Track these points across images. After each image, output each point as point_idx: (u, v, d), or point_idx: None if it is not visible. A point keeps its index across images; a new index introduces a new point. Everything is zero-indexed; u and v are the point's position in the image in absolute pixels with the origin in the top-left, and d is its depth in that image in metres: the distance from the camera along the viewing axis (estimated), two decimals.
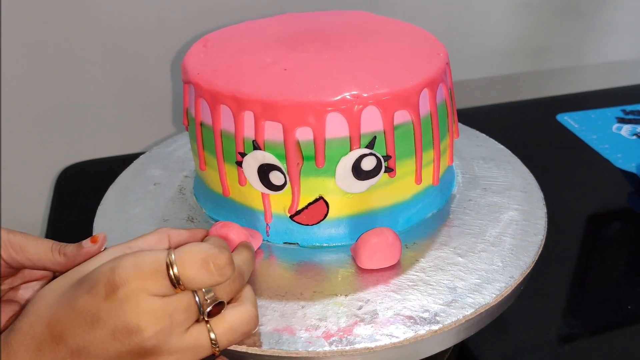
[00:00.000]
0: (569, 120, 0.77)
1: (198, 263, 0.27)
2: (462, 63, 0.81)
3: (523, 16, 0.82)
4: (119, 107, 0.70)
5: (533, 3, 0.81)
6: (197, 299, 0.28)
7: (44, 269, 0.38)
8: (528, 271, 0.37)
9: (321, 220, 0.38)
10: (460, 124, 0.53)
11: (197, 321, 0.29)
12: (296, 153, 0.36)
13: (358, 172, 0.36)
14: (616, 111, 0.79)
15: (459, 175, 0.46)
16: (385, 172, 0.37)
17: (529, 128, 0.76)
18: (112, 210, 0.43)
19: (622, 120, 0.77)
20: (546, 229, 0.40)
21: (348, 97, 0.35)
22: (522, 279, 0.36)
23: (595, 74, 0.92)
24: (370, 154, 0.36)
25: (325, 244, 0.39)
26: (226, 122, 0.37)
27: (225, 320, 0.29)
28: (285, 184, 0.37)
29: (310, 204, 0.37)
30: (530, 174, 0.46)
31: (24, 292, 0.39)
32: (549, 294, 0.50)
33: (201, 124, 0.39)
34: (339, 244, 0.39)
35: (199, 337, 0.28)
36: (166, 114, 0.73)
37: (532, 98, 0.85)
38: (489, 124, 0.73)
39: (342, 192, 0.37)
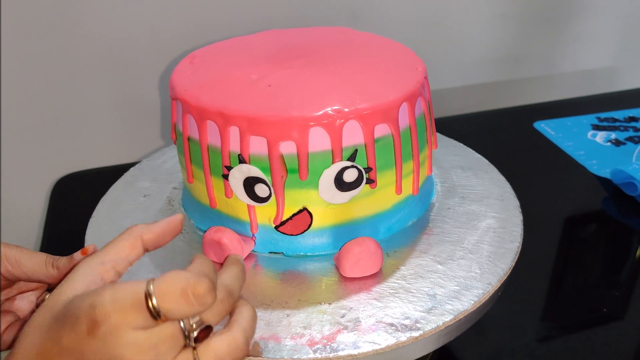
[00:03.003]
0: (546, 127, 0.77)
1: (177, 293, 0.26)
2: (442, 72, 0.82)
3: (500, 26, 0.83)
4: (113, 119, 0.70)
5: (510, 13, 0.82)
6: (182, 324, 0.27)
7: (39, 281, 0.37)
8: (505, 277, 0.37)
9: (305, 230, 0.38)
10: (438, 134, 0.53)
11: (185, 346, 0.27)
12: (280, 166, 0.35)
13: (340, 183, 0.36)
14: (591, 118, 0.79)
15: (437, 184, 0.46)
16: (366, 183, 0.37)
17: (506, 135, 0.77)
18: (103, 222, 0.43)
19: (597, 127, 0.77)
20: (522, 236, 0.41)
21: (330, 112, 0.35)
22: (499, 285, 0.36)
23: (570, 82, 0.92)
24: (352, 166, 0.36)
25: (309, 253, 0.39)
26: (213, 137, 0.37)
27: (211, 349, 0.27)
28: (270, 196, 0.36)
29: (294, 214, 0.37)
30: (507, 183, 0.46)
31: (20, 303, 0.39)
32: (526, 297, 0.51)
33: (189, 139, 0.39)
34: (323, 253, 0.39)
35: None
36: (158, 126, 0.72)
37: (510, 106, 0.86)
38: (467, 132, 0.74)
39: (325, 203, 0.37)
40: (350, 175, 0.36)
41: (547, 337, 0.47)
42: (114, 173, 0.50)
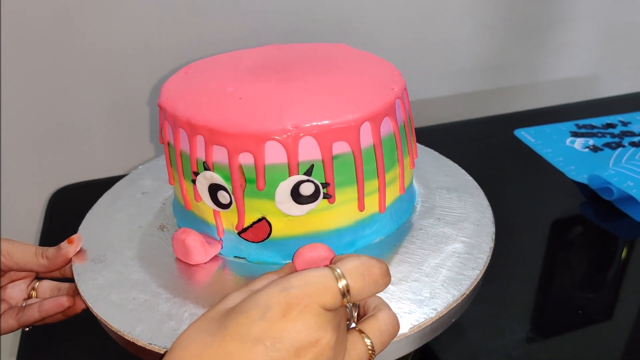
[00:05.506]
0: (526, 135, 0.78)
1: (365, 274, 0.27)
2: (425, 82, 0.83)
3: (482, 36, 0.83)
4: (110, 132, 0.71)
5: (492, 24, 0.82)
6: (348, 306, 0.28)
7: (30, 271, 0.40)
8: (454, 305, 0.35)
9: (266, 239, 0.38)
10: (434, 152, 0.52)
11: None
12: (239, 176, 0.36)
13: (297, 196, 0.36)
14: (570, 125, 0.80)
15: (419, 204, 0.45)
16: (324, 198, 0.37)
17: (488, 143, 0.77)
18: (100, 214, 0.46)
19: (575, 134, 0.77)
20: (487, 264, 0.38)
21: (288, 127, 0.35)
22: (446, 312, 0.35)
23: (551, 91, 0.92)
24: (308, 180, 0.36)
25: (269, 261, 0.39)
26: (184, 143, 0.38)
27: (376, 326, 0.29)
28: (231, 203, 0.37)
29: (254, 222, 0.38)
30: (489, 208, 0.44)
31: (11, 291, 0.42)
32: (505, 300, 0.51)
33: (168, 144, 0.40)
34: (284, 262, 0.39)
35: (357, 343, 0.28)
36: (155, 138, 0.74)
37: (492, 115, 0.86)
38: (450, 140, 0.74)
39: (282, 214, 0.37)
40: (306, 189, 0.36)
41: (525, 339, 0.47)
42: (110, 185, 0.50)
